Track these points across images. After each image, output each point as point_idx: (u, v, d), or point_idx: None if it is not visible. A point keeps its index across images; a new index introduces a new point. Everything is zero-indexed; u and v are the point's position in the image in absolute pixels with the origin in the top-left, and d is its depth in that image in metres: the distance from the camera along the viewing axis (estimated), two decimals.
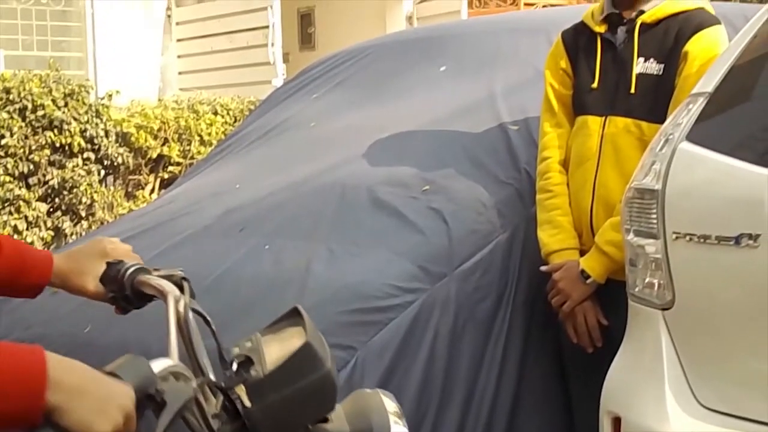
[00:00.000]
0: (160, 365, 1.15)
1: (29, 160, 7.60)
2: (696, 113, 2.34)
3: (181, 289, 1.45)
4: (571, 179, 2.90)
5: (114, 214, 7.92)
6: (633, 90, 2.77)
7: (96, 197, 7.86)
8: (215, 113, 9.03)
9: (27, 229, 7.47)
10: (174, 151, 8.61)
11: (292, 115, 4.11)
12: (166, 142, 8.63)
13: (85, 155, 7.87)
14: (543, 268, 2.85)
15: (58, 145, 7.71)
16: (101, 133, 7.94)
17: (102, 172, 8.06)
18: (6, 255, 1.57)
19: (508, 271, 2.91)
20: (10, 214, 7.44)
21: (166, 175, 8.70)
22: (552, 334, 2.93)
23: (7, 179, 7.47)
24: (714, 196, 2.24)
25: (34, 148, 7.62)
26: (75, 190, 7.75)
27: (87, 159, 7.89)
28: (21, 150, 7.56)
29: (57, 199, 7.79)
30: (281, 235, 3.01)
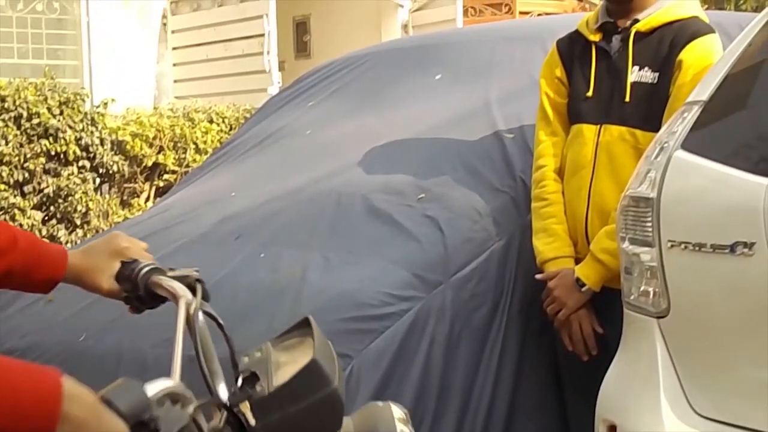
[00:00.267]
0: (155, 388, 1.12)
1: (24, 168, 7.60)
2: (691, 121, 2.35)
3: (194, 292, 1.42)
4: (567, 187, 2.90)
5: (109, 222, 7.90)
6: (628, 98, 2.77)
7: (91, 205, 7.85)
8: (211, 121, 9.03)
9: None
10: (169, 159, 8.61)
11: (287, 123, 4.11)
12: (161, 150, 8.62)
13: (81, 163, 7.87)
14: (538, 276, 2.85)
15: (53, 153, 7.70)
16: (96, 141, 7.94)
17: (97, 180, 8.05)
18: (21, 249, 1.56)
19: (503, 279, 2.92)
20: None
21: (161, 183, 8.70)
22: (547, 341, 2.93)
23: (2, 187, 7.46)
24: (709, 204, 2.25)
25: (29, 156, 7.62)
26: (70, 198, 7.74)
27: (82, 167, 7.89)
28: (16, 158, 7.56)
29: (52, 208, 7.78)
30: (277, 243, 3.01)
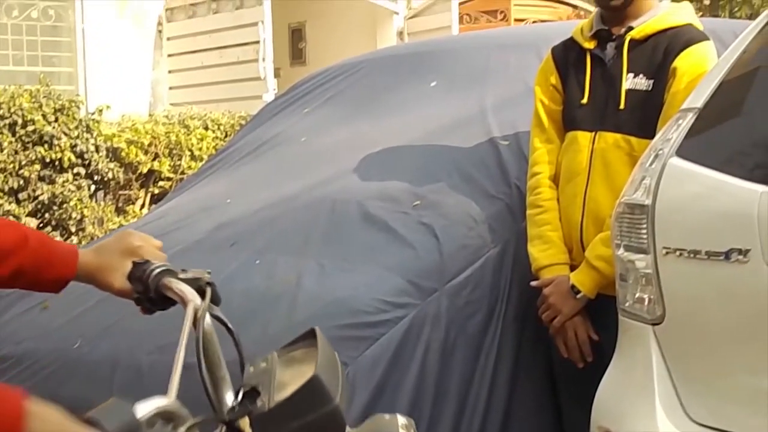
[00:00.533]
0: (147, 408, 1.10)
1: (19, 175, 7.59)
2: (686, 128, 2.35)
3: (204, 295, 1.40)
4: (562, 194, 2.90)
5: (104, 229, 7.89)
6: (622, 105, 2.78)
7: (86, 212, 7.84)
8: (206, 128, 9.03)
9: None
10: (165, 166, 8.60)
11: (282, 130, 4.11)
12: (156, 157, 8.62)
13: (76, 170, 7.86)
14: (533, 283, 2.85)
15: (48, 161, 7.70)
16: (91, 148, 7.93)
17: (92, 187, 8.04)
18: (32, 248, 1.55)
19: (498, 286, 2.92)
20: None
21: (156, 190, 8.69)
22: (542, 348, 2.93)
23: None
24: (704, 211, 2.25)
25: (24, 163, 7.61)
26: (65, 205, 7.73)
27: (77, 174, 7.88)
28: (11, 165, 7.55)
29: (47, 215, 7.77)
30: (272, 250, 3.01)
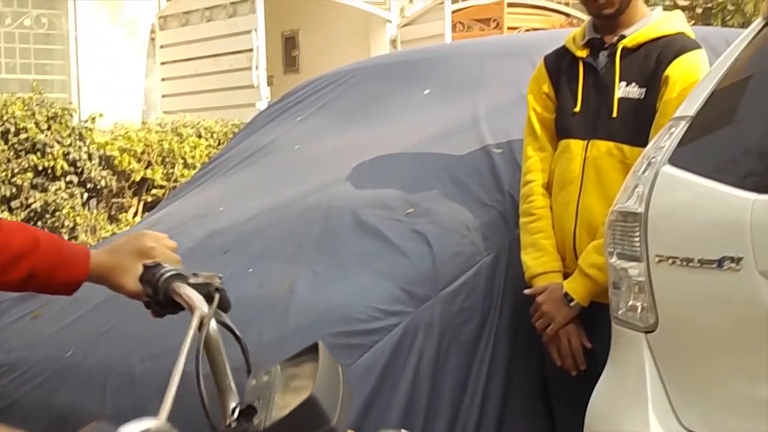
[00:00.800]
0: (132, 430, 1.06)
1: (11, 183, 7.58)
2: (678, 137, 2.36)
3: (211, 301, 1.38)
4: (555, 202, 2.90)
5: (97, 237, 7.88)
6: (615, 114, 2.78)
7: (79, 220, 7.83)
8: (199, 136, 9.03)
9: None
10: (157, 174, 8.60)
11: (276, 138, 4.11)
12: (149, 165, 8.62)
13: (68, 178, 7.86)
14: (526, 291, 2.85)
15: (40, 169, 7.69)
16: (84, 156, 7.93)
17: (85, 195, 8.04)
18: (43, 250, 1.54)
19: (491, 294, 2.92)
20: None
21: (149, 198, 8.68)
22: (536, 356, 2.92)
23: None
24: (696, 219, 2.25)
25: (16, 171, 7.60)
26: (58, 213, 7.73)
27: (70, 182, 7.87)
28: (3, 173, 7.54)
29: (40, 222, 7.76)
30: (265, 258, 3.01)
